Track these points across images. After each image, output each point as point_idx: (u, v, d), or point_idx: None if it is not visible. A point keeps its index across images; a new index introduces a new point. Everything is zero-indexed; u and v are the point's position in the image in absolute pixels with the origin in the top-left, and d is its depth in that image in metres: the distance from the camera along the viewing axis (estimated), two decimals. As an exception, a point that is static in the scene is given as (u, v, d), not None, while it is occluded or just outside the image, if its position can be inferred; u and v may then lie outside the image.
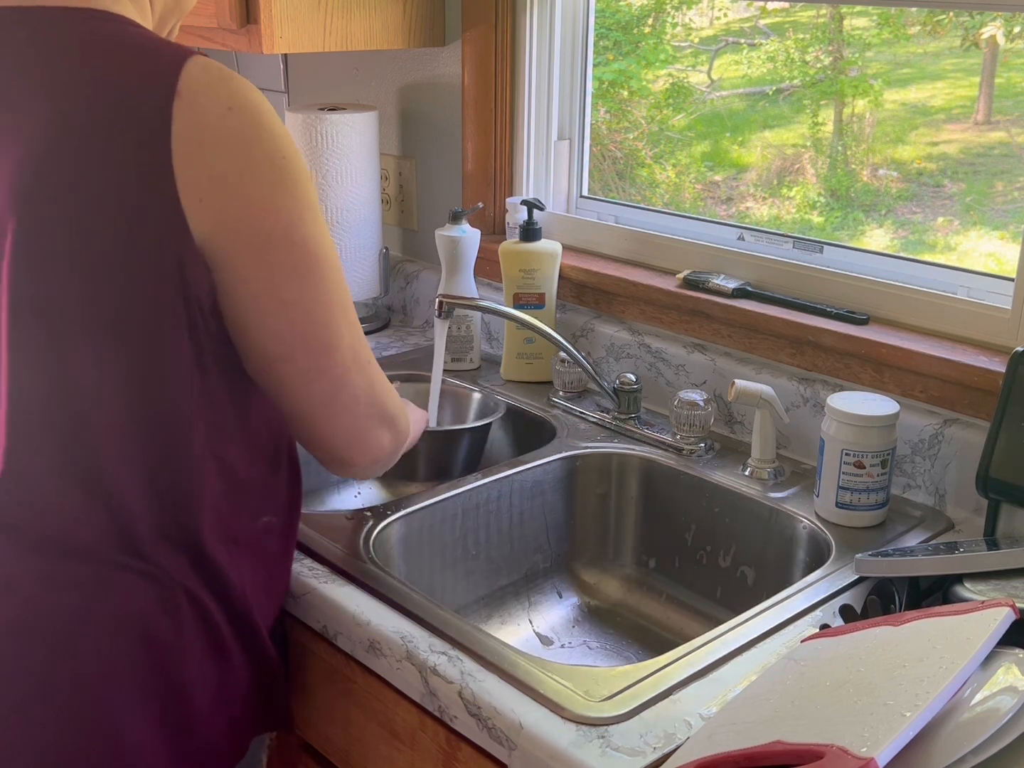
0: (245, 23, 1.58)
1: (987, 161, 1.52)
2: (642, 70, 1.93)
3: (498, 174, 1.79)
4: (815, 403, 1.37)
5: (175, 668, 0.94)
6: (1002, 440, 1.12)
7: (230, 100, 0.86)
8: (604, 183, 1.95)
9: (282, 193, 0.88)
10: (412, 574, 1.26)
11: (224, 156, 0.85)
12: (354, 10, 1.65)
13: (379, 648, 1.02)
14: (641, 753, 0.86)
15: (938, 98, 1.57)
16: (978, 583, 1.00)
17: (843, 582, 1.11)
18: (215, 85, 0.86)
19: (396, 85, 1.94)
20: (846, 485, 1.21)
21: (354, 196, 1.79)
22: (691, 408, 1.39)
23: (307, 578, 1.12)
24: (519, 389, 1.63)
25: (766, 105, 1.80)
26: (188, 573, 0.94)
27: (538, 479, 1.39)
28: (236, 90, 0.87)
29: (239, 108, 0.86)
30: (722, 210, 1.88)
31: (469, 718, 0.93)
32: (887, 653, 0.84)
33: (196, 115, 0.84)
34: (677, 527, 1.39)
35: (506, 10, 1.70)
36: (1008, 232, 1.44)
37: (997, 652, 0.81)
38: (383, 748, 1.08)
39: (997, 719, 0.72)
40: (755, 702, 0.88)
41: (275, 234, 0.88)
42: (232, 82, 0.87)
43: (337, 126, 1.75)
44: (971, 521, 1.24)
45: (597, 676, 0.96)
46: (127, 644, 0.92)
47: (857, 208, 1.66)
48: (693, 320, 1.51)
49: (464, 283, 1.66)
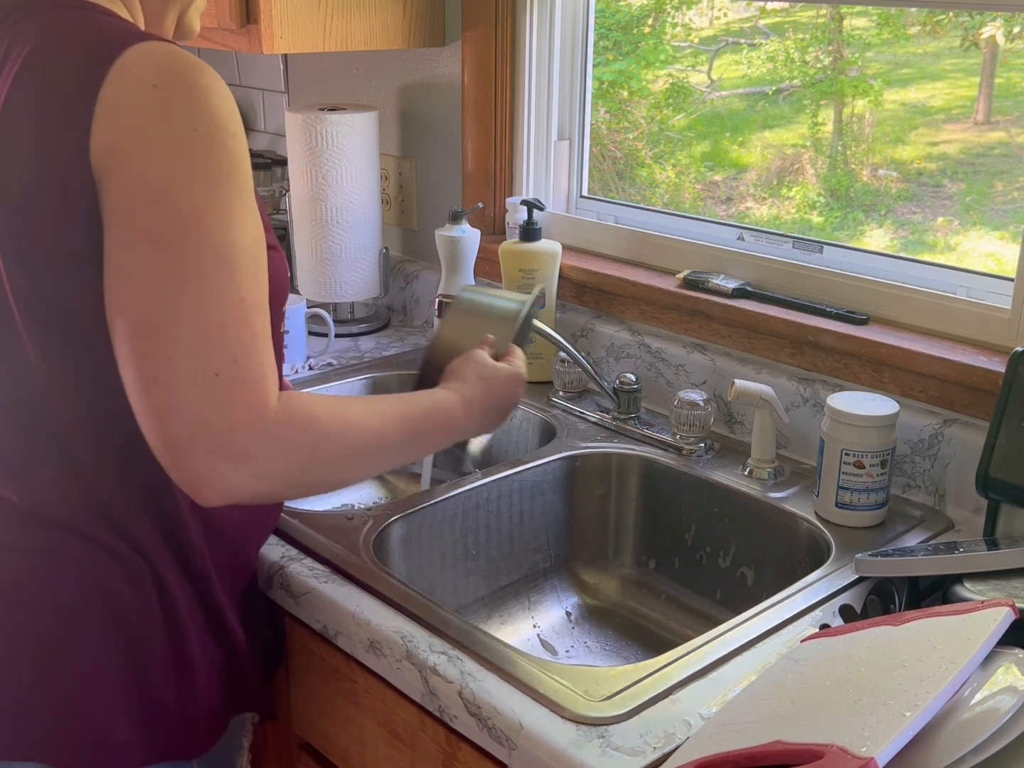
0: (245, 23, 1.58)
1: (987, 161, 1.52)
2: (642, 70, 1.93)
3: (498, 174, 1.79)
4: (815, 403, 1.37)
5: (138, 639, 0.97)
6: (1002, 440, 1.12)
7: (157, 78, 0.86)
8: (604, 183, 1.95)
9: (172, 164, 0.84)
10: (412, 574, 1.26)
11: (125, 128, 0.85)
12: (354, 10, 1.65)
13: (379, 648, 1.02)
14: (641, 753, 0.86)
15: (938, 98, 1.57)
16: (978, 583, 1.00)
17: (843, 582, 1.11)
18: (148, 64, 0.86)
19: (396, 85, 1.94)
20: (846, 485, 1.21)
21: (354, 196, 1.79)
22: (691, 408, 1.39)
23: (307, 578, 1.12)
24: (519, 389, 1.63)
25: (766, 105, 1.80)
26: (159, 551, 0.98)
27: (538, 479, 1.39)
28: (170, 69, 0.86)
29: (164, 85, 0.86)
30: (722, 210, 1.88)
31: (469, 718, 0.93)
32: (887, 653, 0.84)
33: (119, 90, 0.85)
34: (677, 527, 1.39)
35: (506, 10, 1.70)
36: (1008, 232, 1.44)
37: (997, 652, 0.81)
38: (383, 748, 1.08)
39: (997, 719, 0.72)
40: (755, 702, 0.88)
41: (141, 200, 0.84)
42: (171, 63, 0.86)
43: (337, 126, 1.75)
44: (971, 521, 1.24)
45: (597, 676, 0.96)
46: (92, 611, 0.95)
47: (857, 208, 1.66)
48: (693, 320, 1.51)
49: (464, 283, 1.66)
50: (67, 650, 0.94)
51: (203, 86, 0.86)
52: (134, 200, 0.84)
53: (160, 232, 0.83)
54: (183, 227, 0.83)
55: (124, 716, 0.96)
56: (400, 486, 1.65)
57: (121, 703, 0.96)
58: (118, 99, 0.85)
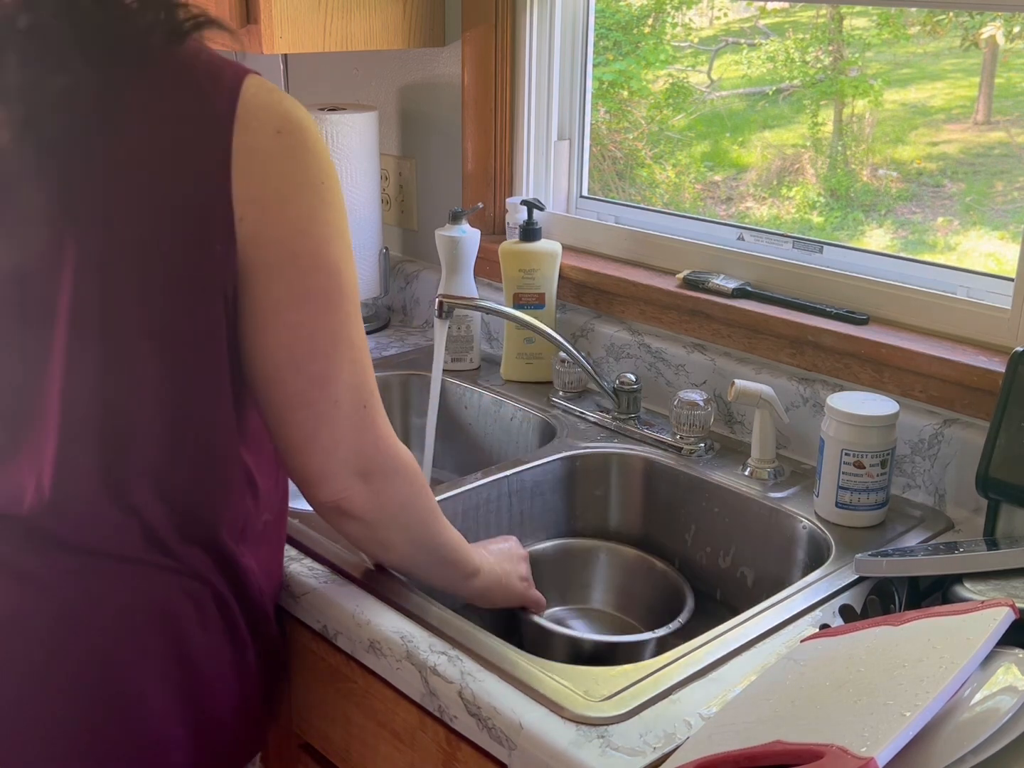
0: (245, 23, 1.58)
1: (987, 161, 1.52)
2: (642, 70, 1.94)
3: (498, 174, 1.79)
4: (815, 403, 1.37)
5: (196, 654, 0.96)
6: (1002, 440, 1.12)
7: (280, 123, 0.87)
8: (604, 183, 1.95)
9: (317, 217, 0.89)
10: (412, 574, 1.26)
11: (269, 177, 0.87)
12: (354, 10, 1.65)
13: (379, 648, 1.02)
14: (641, 753, 0.86)
15: (938, 98, 1.57)
16: (978, 583, 1.00)
17: (843, 582, 1.11)
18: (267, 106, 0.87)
19: (396, 85, 1.94)
20: (846, 485, 1.21)
21: (354, 196, 1.79)
22: (691, 408, 1.39)
23: (307, 578, 1.12)
24: (519, 389, 1.63)
25: (766, 105, 1.80)
26: (210, 568, 0.97)
27: (538, 479, 1.39)
28: (286, 112, 0.88)
29: (287, 132, 0.88)
30: (722, 210, 1.89)
31: (469, 718, 0.93)
32: (887, 653, 0.84)
33: (249, 137, 0.86)
34: (677, 527, 1.39)
35: (506, 10, 1.70)
36: (1008, 232, 1.44)
37: (997, 652, 0.81)
38: (383, 748, 1.08)
39: (997, 719, 0.72)
40: (755, 702, 0.88)
41: (301, 256, 0.89)
42: (282, 104, 0.89)
43: (337, 126, 1.75)
44: (971, 521, 1.24)
45: (597, 676, 0.96)
46: (145, 624, 0.93)
47: (857, 208, 1.67)
48: (693, 320, 1.51)
49: (464, 283, 1.66)
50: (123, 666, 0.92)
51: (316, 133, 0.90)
52: (284, 258, 0.88)
53: (321, 287, 0.90)
54: (337, 280, 0.91)
55: (177, 723, 0.95)
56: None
57: (174, 710, 0.95)
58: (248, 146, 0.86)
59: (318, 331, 0.90)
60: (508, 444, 1.59)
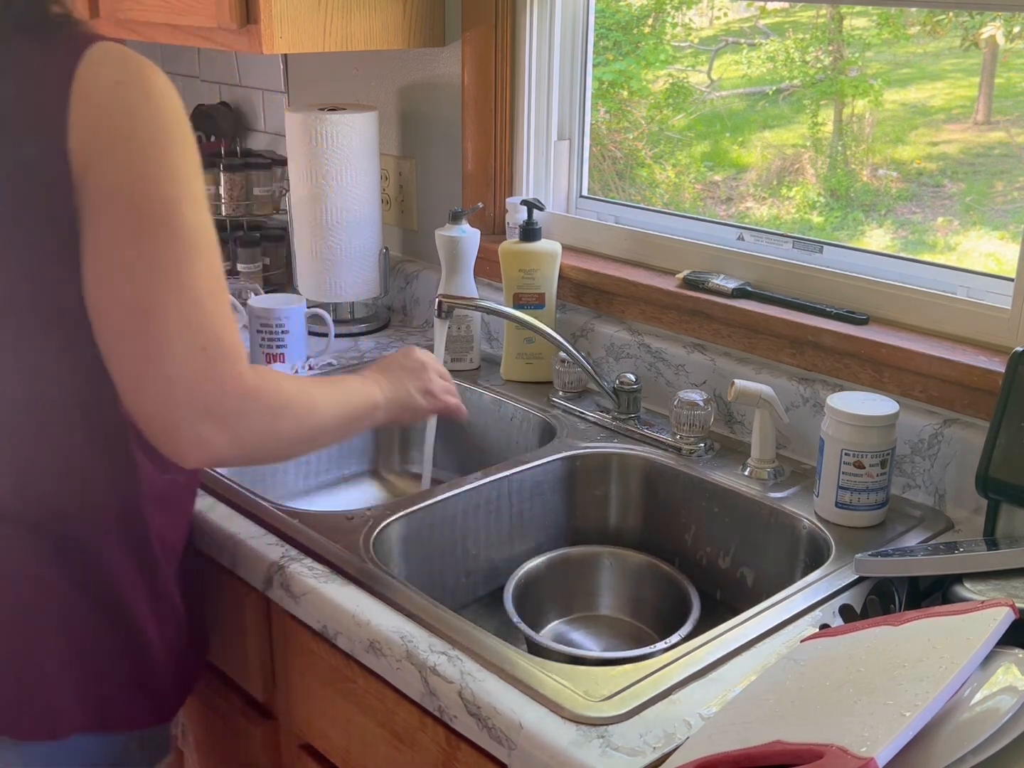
0: (245, 23, 1.58)
1: (987, 161, 1.52)
2: (642, 70, 1.94)
3: (498, 174, 1.79)
4: (815, 403, 1.37)
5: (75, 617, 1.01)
6: (1002, 440, 1.12)
7: (120, 75, 0.91)
8: (604, 183, 1.95)
9: (151, 157, 0.91)
10: (412, 574, 1.26)
11: (105, 122, 0.90)
12: (354, 10, 1.65)
13: (379, 648, 1.02)
14: (641, 753, 0.86)
15: (938, 98, 1.57)
16: (978, 583, 1.00)
17: (843, 582, 1.11)
18: (111, 63, 0.91)
19: (396, 85, 1.94)
20: (846, 485, 1.21)
21: (354, 196, 1.79)
22: (691, 408, 1.39)
23: (307, 578, 1.12)
24: (519, 389, 1.63)
25: (766, 105, 1.80)
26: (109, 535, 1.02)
27: (538, 479, 1.39)
28: (129, 68, 0.92)
29: (127, 82, 0.91)
30: (722, 210, 1.89)
31: (469, 718, 0.93)
32: (887, 653, 0.84)
33: (88, 86, 0.89)
34: (677, 527, 1.39)
35: (506, 10, 1.70)
36: (1008, 232, 1.44)
37: (997, 652, 0.81)
38: (383, 748, 1.08)
39: (997, 719, 0.72)
40: (755, 702, 0.88)
41: (129, 193, 0.90)
42: (129, 62, 0.92)
43: (337, 126, 1.75)
44: (971, 521, 1.24)
45: (597, 676, 0.96)
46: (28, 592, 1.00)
47: (857, 208, 1.67)
48: (693, 320, 1.51)
49: (464, 283, 1.66)
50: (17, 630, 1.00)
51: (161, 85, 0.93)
52: (113, 196, 0.90)
53: (143, 225, 0.90)
54: (169, 219, 0.90)
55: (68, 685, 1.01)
56: (400, 486, 1.65)
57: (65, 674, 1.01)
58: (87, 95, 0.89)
59: (139, 264, 0.90)
60: (508, 444, 1.59)
